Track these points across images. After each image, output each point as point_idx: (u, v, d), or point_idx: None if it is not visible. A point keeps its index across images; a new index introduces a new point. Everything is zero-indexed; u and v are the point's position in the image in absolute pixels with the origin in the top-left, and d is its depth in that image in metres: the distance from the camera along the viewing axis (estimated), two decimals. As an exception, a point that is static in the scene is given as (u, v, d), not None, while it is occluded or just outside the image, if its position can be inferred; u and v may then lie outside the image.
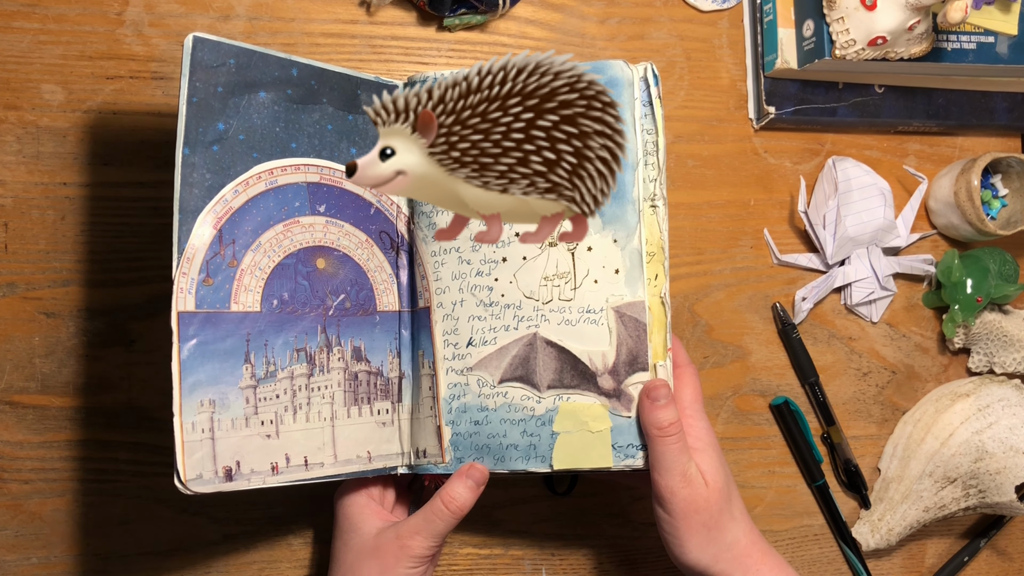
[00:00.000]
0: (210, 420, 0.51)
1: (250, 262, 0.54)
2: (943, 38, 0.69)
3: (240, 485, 0.51)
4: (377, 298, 0.59)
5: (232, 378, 0.52)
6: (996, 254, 0.73)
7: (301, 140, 0.56)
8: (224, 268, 0.53)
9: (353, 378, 0.57)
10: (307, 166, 0.56)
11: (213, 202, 0.52)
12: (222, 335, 0.52)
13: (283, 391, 0.54)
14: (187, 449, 0.50)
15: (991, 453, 0.69)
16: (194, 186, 0.52)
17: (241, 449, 0.52)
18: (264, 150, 0.54)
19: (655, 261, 0.56)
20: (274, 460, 0.53)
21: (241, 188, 0.53)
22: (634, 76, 0.56)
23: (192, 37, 0.51)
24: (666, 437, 0.53)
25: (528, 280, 0.56)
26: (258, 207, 0.54)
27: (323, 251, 0.56)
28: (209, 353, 0.51)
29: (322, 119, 0.57)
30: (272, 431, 0.53)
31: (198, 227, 0.52)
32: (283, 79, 0.55)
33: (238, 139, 0.53)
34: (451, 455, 0.56)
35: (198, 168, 0.52)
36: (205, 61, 0.52)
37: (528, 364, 0.56)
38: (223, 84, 0.53)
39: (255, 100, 0.54)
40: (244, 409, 0.52)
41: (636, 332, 0.55)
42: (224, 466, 0.51)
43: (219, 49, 0.52)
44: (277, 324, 0.54)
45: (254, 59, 0.54)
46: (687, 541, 0.53)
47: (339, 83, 0.57)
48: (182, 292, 0.51)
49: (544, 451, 0.55)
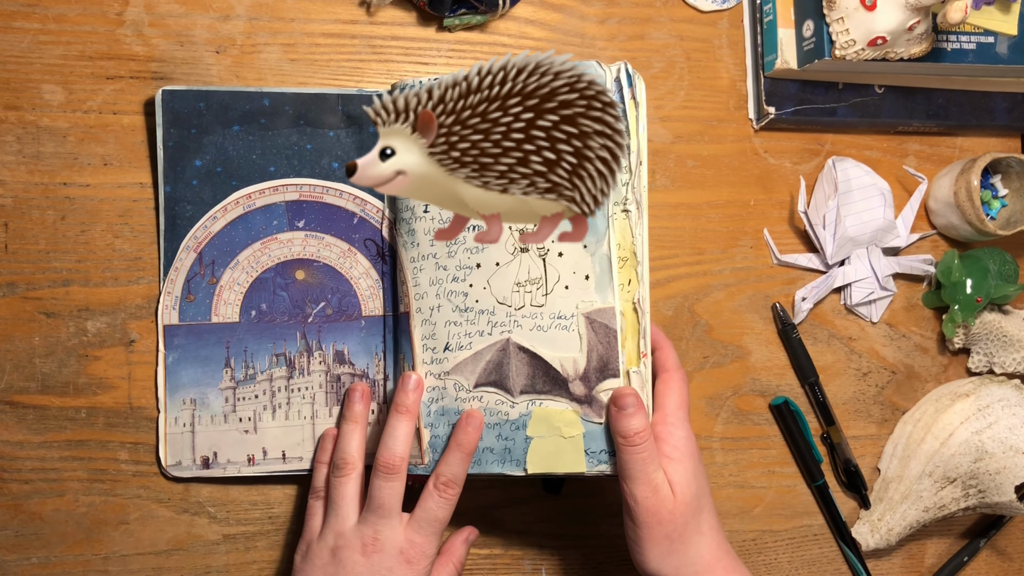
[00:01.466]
0: (192, 416, 0.59)
1: (228, 279, 0.60)
2: (943, 38, 0.69)
3: (216, 472, 0.60)
4: (362, 303, 0.61)
5: (212, 380, 0.60)
6: (996, 254, 0.73)
7: (279, 163, 0.60)
8: (204, 286, 0.60)
9: (335, 380, 0.61)
10: (285, 186, 0.60)
11: (194, 229, 0.59)
12: (203, 343, 0.59)
13: (262, 392, 0.60)
14: (169, 440, 0.59)
15: (991, 453, 0.69)
16: (176, 218, 0.59)
17: (219, 441, 0.59)
18: (242, 177, 0.59)
19: (628, 267, 0.56)
20: (251, 452, 0.60)
21: (220, 214, 0.59)
22: (607, 76, 0.55)
23: (162, 91, 0.58)
24: (632, 446, 0.53)
25: (501, 286, 0.56)
26: (236, 229, 0.60)
27: (302, 263, 0.61)
28: (191, 359, 0.59)
29: (300, 140, 0.60)
30: (250, 427, 0.60)
31: (180, 252, 0.59)
32: (255, 111, 0.59)
33: (216, 171, 0.59)
34: (430, 457, 0.57)
35: (180, 202, 0.59)
36: (176, 109, 0.58)
37: (502, 369, 0.56)
38: (196, 126, 0.59)
39: (229, 134, 0.59)
40: (223, 407, 0.59)
41: (607, 338, 0.55)
42: (202, 455, 0.59)
43: (188, 96, 0.59)
44: (256, 332, 0.60)
45: (224, 98, 0.59)
46: (648, 551, 0.53)
47: (315, 103, 0.60)
48: (166, 308, 0.59)
49: (519, 455, 0.55)
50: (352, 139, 0.60)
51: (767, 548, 0.72)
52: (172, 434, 0.59)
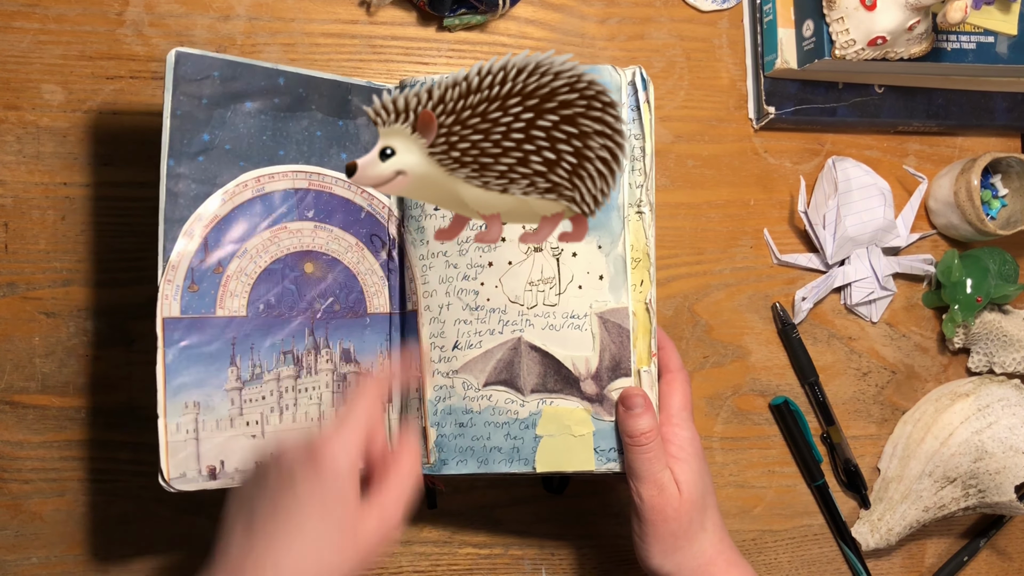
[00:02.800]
0: (195, 421, 0.53)
1: (236, 268, 0.55)
2: (943, 38, 0.69)
3: (225, 483, 0.53)
4: (368, 300, 0.59)
5: (217, 380, 0.54)
6: (996, 254, 0.74)
7: (289, 147, 0.57)
8: (209, 275, 0.54)
9: (342, 379, 0.58)
10: (295, 173, 0.57)
11: (198, 211, 0.54)
12: (207, 339, 0.53)
13: (269, 392, 0.55)
14: (171, 449, 0.52)
15: (991, 453, 0.69)
16: (179, 196, 0.53)
17: (225, 449, 0.54)
18: (251, 159, 0.55)
19: (640, 267, 0.56)
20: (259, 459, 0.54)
21: (227, 197, 0.55)
22: (622, 80, 0.56)
23: (175, 52, 0.52)
24: (639, 446, 0.53)
25: (513, 285, 0.56)
26: (245, 214, 0.55)
27: (311, 255, 0.57)
28: (194, 357, 0.53)
29: (311, 126, 0.57)
30: (258, 431, 0.55)
31: (183, 235, 0.53)
32: (269, 88, 0.56)
33: (224, 149, 0.54)
34: (436, 456, 0.57)
35: (183, 179, 0.53)
36: (188, 75, 0.53)
37: (512, 368, 0.56)
38: (207, 96, 0.54)
39: (241, 110, 0.55)
40: (229, 410, 0.54)
41: (619, 338, 0.55)
42: (208, 465, 0.53)
43: (202, 62, 0.53)
44: (264, 328, 0.55)
45: (239, 70, 0.55)
46: (652, 547, 0.54)
47: (328, 89, 0.58)
48: (167, 299, 0.53)
49: (527, 454, 0.55)
50: (361, 132, 0.59)
51: (767, 548, 0.72)
52: (174, 443, 0.52)
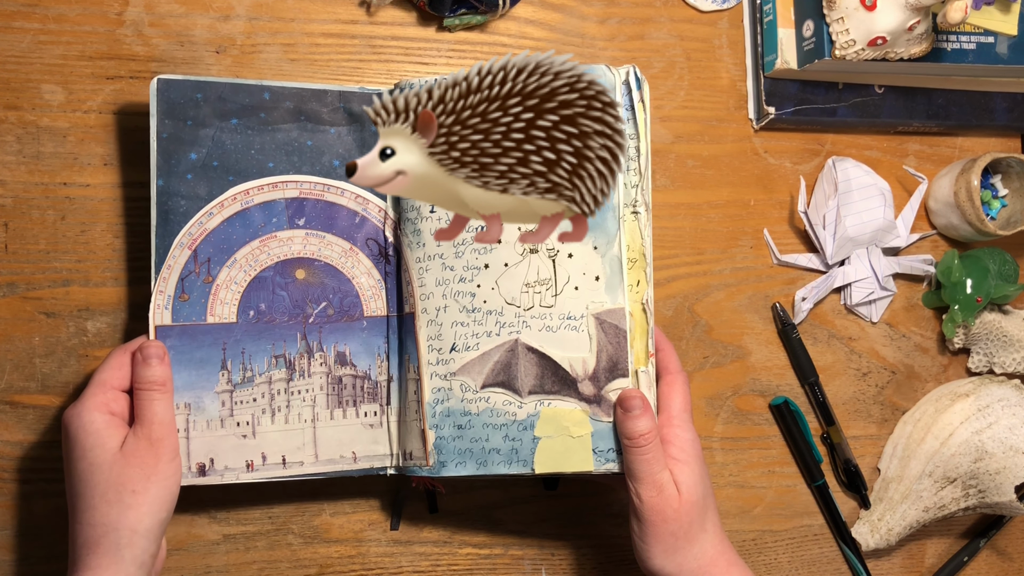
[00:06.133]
0: (186, 421, 0.56)
1: (225, 277, 0.57)
2: (943, 38, 0.69)
3: (213, 480, 0.56)
4: (364, 304, 0.60)
5: (208, 383, 0.57)
6: (996, 254, 0.74)
7: (279, 158, 0.58)
8: (199, 285, 0.57)
9: (337, 382, 0.59)
10: (285, 183, 0.58)
11: (188, 225, 0.56)
12: (197, 345, 0.56)
13: (260, 395, 0.58)
14: None
15: (991, 453, 0.69)
16: (170, 213, 0.56)
17: (215, 447, 0.56)
18: (240, 172, 0.57)
19: (637, 268, 0.56)
20: (249, 458, 0.57)
21: (216, 210, 0.57)
22: (616, 80, 0.56)
23: (156, 80, 0.55)
24: (638, 448, 0.53)
25: (510, 286, 0.56)
26: (234, 226, 0.57)
27: (302, 262, 0.59)
28: (185, 361, 0.56)
29: (301, 136, 0.59)
30: (248, 432, 0.57)
31: (174, 249, 0.56)
32: (255, 105, 0.57)
33: (212, 166, 0.57)
34: (435, 458, 0.57)
35: (173, 196, 0.56)
36: (172, 99, 0.56)
37: (510, 370, 0.56)
38: (192, 118, 0.56)
39: (227, 128, 0.57)
40: (220, 411, 0.57)
41: (616, 339, 0.55)
42: (198, 462, 0.56)
43: (185, 87, 0.56)
44: (254, 333, 0.58)
45: (222, 91, 0.57)
46: (652, 547, 0.54)
47: (316, 99, 0.59)
48: (159, 308, 0.56)
49: (526, 455, 0.55)
50: (353, 137, 0.60)
51: (767, 548, 0.72)
52: None
